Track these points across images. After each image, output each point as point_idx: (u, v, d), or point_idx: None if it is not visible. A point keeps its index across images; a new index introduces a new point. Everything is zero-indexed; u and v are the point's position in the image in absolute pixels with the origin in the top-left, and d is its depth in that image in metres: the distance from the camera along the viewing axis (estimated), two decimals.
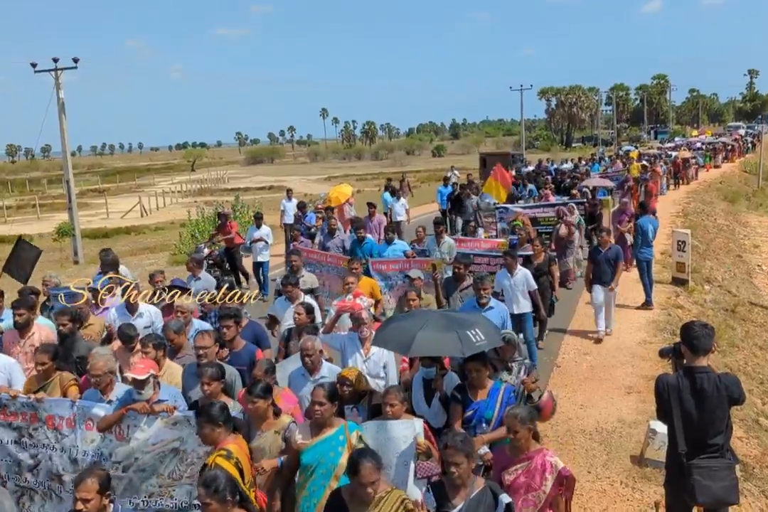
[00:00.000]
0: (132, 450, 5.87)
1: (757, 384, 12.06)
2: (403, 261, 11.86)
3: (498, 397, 6.00)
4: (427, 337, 5.78)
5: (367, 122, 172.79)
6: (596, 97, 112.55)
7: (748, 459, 8.43)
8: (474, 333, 5.76)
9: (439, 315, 6.32)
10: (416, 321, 6.08)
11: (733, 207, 33.91)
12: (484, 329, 5.97)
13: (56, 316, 7.70)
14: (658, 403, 5.40)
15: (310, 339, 6.61)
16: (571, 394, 9.68)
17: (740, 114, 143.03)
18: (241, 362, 6.92)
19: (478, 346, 5.75)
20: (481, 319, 6.45)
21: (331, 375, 6.43)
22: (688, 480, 5.03)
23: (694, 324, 5.27)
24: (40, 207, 51.68)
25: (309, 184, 65.31)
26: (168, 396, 6.09)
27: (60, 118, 24.61)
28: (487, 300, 8.34)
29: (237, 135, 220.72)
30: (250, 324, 7.90)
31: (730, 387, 5.16)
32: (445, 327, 5.87)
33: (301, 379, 6.60)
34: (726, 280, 18.58)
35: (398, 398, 5.55)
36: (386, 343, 6.30)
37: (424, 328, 5.85)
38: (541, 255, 11.52)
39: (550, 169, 34.27)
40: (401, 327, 6.10)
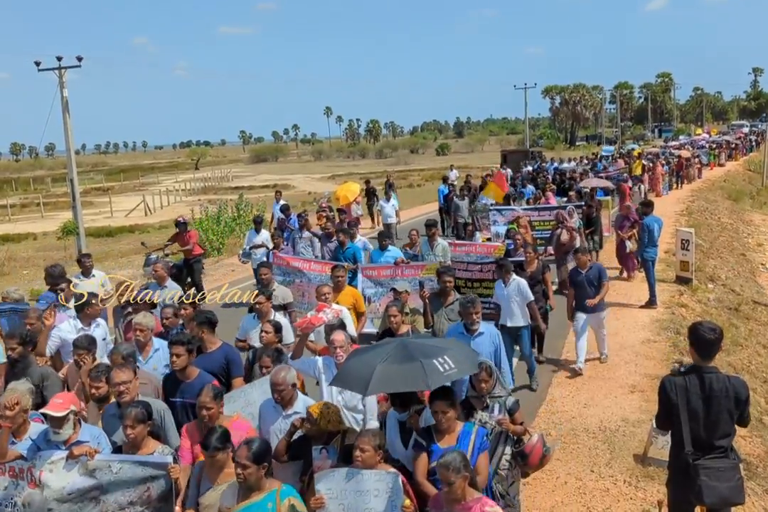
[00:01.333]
0: (45, 500, 5.08)
1: (760, 382, 12.05)
2: (395, 268, 11.37)
3: (469, 443, 5.19)
4: (387, 371, 5.06)
5: (371, 120, 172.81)
6: (600, 96, 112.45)
7: (752, 458, 8.44)
8: (442, 362, 5.07)
9: (404, 343, 5.45)
10: (377, 353, 5.34)
11: (737, 205, 33.86)
12: (455, 355, 5.24)
13: (5, 340, 7.10)
14: (662, 405, 5.28)
15: (283, 370, 5.78)
16: (575, 393, 9.69)
17: (744, 112, 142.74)
18: (193, 394, 6.02)
19: (447, 376, 5.06)
20: (452, 344, 5.75)
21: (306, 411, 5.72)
22: (695, 481, 5.01)
23: (703, 328, 5.17)
24: (44, 205, 51.81)
25: (313, 182, 65.41)
26: (90, 437, 5.41)
27: (64, 117, 24.62)
28: (477, 325, 7.35)
29: (241, 133, 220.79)
30: (223, 347, 7.07)
31: (738, 388, 5.14)
32: (408, 357, 5.14)
33: (273, 413, 5.85)
34: (730, 279, 18.55)
35: (372, 443, 4.84)
36: (344, 383, 5.49)
37: (384, 361, 5.14)
38: (534, 262, 10.86)
39: (549, 168, 34.13)
40: (361, 362, 5.35)
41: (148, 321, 7.38)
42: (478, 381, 5.72)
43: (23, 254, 28.79)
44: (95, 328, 7.99)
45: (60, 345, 7.79)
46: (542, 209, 18.06)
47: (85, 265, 11.50)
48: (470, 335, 7.30)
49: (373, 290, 11.34)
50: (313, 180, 68.69)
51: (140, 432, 5.18)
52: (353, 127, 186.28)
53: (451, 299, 8.72)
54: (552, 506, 6.87)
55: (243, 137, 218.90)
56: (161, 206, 50.44)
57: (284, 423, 5.67)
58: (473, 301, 7.36)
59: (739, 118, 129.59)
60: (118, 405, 5.74)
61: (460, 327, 7.50)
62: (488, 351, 7.12)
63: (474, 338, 7.27)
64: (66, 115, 24.58)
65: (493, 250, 12.99)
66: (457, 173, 32.52)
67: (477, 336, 7.31)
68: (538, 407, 9.25)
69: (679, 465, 5.17)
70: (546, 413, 9.08)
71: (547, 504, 6.90)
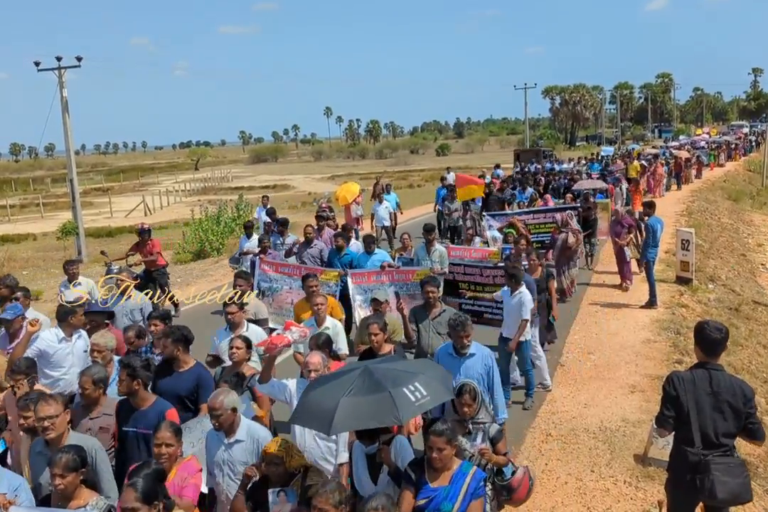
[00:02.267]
0: None
1: (761, 383, 12.02)
2: (385, 272, 10.92)
3: (463, 486, 4.67)
4: (353, 405, 4.49)
5: (372, 121, 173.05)
6: (600, 96, 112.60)
7: (753, 459, 8.41)
8: (413, 389, 4.54)
9: (369, 370, 4.81)
10: (340, 383, 4.75)
11: (737, 205, 33.84)
12: (427, 381, 4.72)
13: None
14: (668, 401, 5.20)
15: (222, 393, 5.31)
16: (575, 393, 9.67)
17: (744, 112, 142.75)
18: (147, 424, 5.47)
19: (420, 405, 4.55)
20: (423, 366, 5.22)
21: (250, 439, 5.31)
22: (706, 477, 4.97)
23: (710, 328, 5.17)
24: (44, 206, 51.77)
25: (313, 182, 65.40)
26: (7, 487, 4.77)
27: (63, 117, 24.62)
28: (468, 349, 6.70)
29: (241, 134, 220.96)
30: (196, 367, 6.47)
31: (744, 386, 5.17)
32: (375, 387, 4.60)
33: (216, 442, 5.35)
34: (730, 279, 18.52)
35: (331, 501, 4.22)
36: (304, 420, 4.86)
37: (349, 393, 4.57)
38: (537, 269, 10.41)
39: (548, 169, 34.01)
40: (322, 395, 4.70)
41: (107, 341, 6.80)
42: (460, 405, 5.30)
43: (23, 254, 28.75)
44: (77, 339, 7.62)
45: (38, 355, 7.25)
46: (537, 212, 17.54)
47: (69, 272, 10.97)
48: (460, 357, 6.69)
49: (363, 297, 10.84)
50: (313, 180, 68.67)
51: (71, 482, 4.50)
52: (353, 128, 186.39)
53: (437, 311, 7.96)
54: (552, 506, 6.86)
55: (243, 137, 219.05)
56: (161, 206, 50.39)
57: (227, 454, 5.28)
58: (463, 324, 6.62)
59: (739, 119, 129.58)
60: (46, 443, 5.15)
61: (450, 347, 6.82)
62: (479, 374, 6.57)
63: (464, 360, 6.67)
64: (65, 116, 24.60)
65: (488, 254, 12.72)
66: (454, 176, 32.01)
67: (467, 358, 6.68)
68: (538, 407, 9.24)
69: (685, 462, 5.13)
70: (546, 413, 9.06)
71: (548, 505, 6.88)
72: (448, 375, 5.34)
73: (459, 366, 6.58)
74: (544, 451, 8.02)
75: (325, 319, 7.91)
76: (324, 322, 7.85)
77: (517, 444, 8.21)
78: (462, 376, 6.31)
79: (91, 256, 25.03)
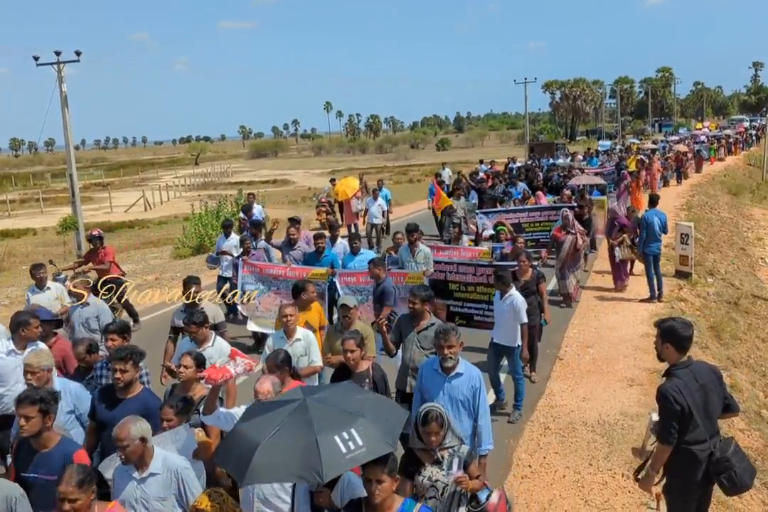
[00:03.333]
0: None
1: (759, 376, 12.06)
2: None
3: None
4: (272, 452, 3.84)
5: (372, 115, 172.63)
6: (600, 90, 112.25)
7: (750, 452, 8.43)
8: (346, 438, 3.86)
9: (305, 406, 4.09)
10: (269, 419, 4.06)
11: (737, 200, 33.82)
12: (368, 426, 3.99)
13: None
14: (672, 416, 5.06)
15: (130, 421, 4.68)
16: (574, 387, 9.69)
17: (745, 107, 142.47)
18: (52, 468, 4.79)
19: (351, 460, 3.86)
20: (372, 404, 4.34)
21: (167, 471, 4.74)
22: (731, 473, 4.99)
23: (678, 325, 5.25)
24: (44, 201, 51.77)
25: (313, 177, 65.35)
26: None
27: (63, 112, 24.59)
28: (453, 362, 5.88)
29: (241, 128, 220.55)
30: (142, 394, 5.81)
31: (715, 369, 5.38)
32: (303, 430, 3.90)
33: (125, 477, 4.78)
34: (729, 273, 18.54)
35: None
36: (225, 462, 4.26)
37: (272, 435, 3.90)
38: (528, 271, 9.97)
39: (545, 164, 33.56)
40: (246, 433, 4.06)
41: (41, 361, 5.99)
42: (426, 434, 4.67)
43: (23, 249, 28.79)
44: None
45: None
46: (532, 210, 16.94)
47: (36, 277, 10.28)
48: (446, 375, 5.92)
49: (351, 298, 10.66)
50: (312, 175, 68.63)
51: None
52: (353, 122, 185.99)
53: (425, 323, 7.20)
54: (550, 499, 6.88)
55: (243, 132, 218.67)
56: (161, 201, 50.41)
57: (140, 490, 4.68)
58: (446, 332, 5.84)
59: (740, 113, 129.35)
60: None
61: (436, 363, 6.01)
62: (465, 396, 5.87)
63: (450, 379, 5.90)
64: (65, 111, 24.56)
65: (479, 254, 12.19)
66: (450, 172, 30.13)
67: (454, 377, 5.90)
68: (536, 400, 9.26)
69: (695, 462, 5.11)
70: (545, 407, 9.09)
71: (545, 498, 6.91)
72: (399, 417, 4.44)
73: (443, 385, 5.91)
74: (542, 445, 8.04)
75: (295, 331, 7.40)
76: (294, 334, 7.35)
77: (516, 437, 8.25)
78: (446, 396, 5.83)
79: None
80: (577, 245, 13.71)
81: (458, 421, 5.68)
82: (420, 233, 11.48)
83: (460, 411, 5.83)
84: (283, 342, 7.19)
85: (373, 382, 6.28)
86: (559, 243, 13.77)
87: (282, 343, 7.14)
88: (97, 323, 8.70)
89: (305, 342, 7.34)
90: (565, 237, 13.71)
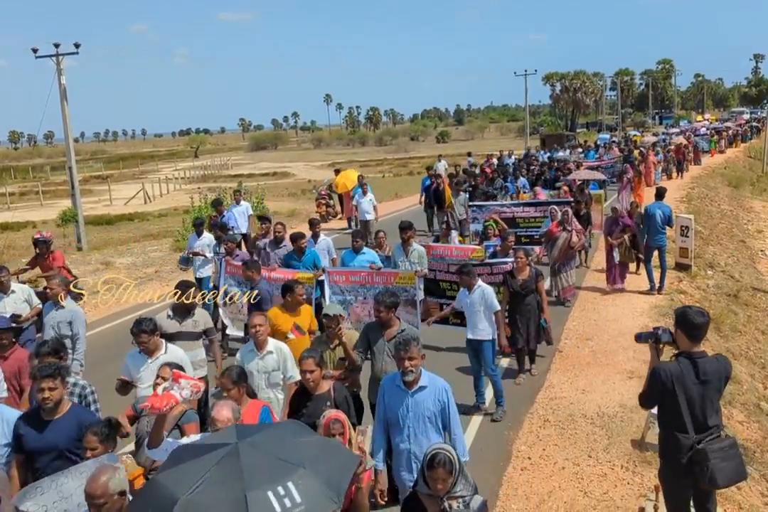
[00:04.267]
0: None
1: (759, 368, 12.09)
2: (366, 273, 9.95)
3: None
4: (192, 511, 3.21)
5: (371, 108, 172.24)
6: (601, 83, 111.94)
7: (749, 444, 8.48)
8: (281, 494, 3.24)
9: (236, 452, 3.42)
10: (196, 468, 3.39)
11: (737, 192, 33.81)
12: (309, 480, 3.37)
13: None
14: (653, 390, 5.24)
15: (105, 472, 3.98)
16: (573, 379, 9.71)
17: (745, 99, 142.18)
18: None
19: None
20: (318, 452, 3.68)
21: None
22: (704, 466, 5.02)
23: (692, 313, 5.22)
24: (43, 194, 51.64)
25: (313, 170, 65.24)
26: None
27: (62, 104, 24.53)
28: (414, 376, 5.38)
29: (240, 121, 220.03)
30: (72, 410, 5.31)
31: (727, 367, 5.29)
32: (231, 484, 3.27)
33: None
34: (729, 265, 18.56)
35: None
36: None
37: (194, 489, 3.26)
38: (525, 269, 9.58)
39: (542, 156, 33.16)
40: (168, 482, 3.40)
41: None
42: (432, 480, 4.09)
43: (22, 242, 28.71)
44: None
45: None
46: (528, 205, 16.30)
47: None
48: (408, 389, 5.41)
49: (340, 298, 9.94)
50: (312, 168, 68.53)
51: None
52: (353, 115, 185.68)
53: (395, 330, 6.66)
54: (549, 491, 6.90)
55: (242, 125, 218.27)
56: (161, 194, 50.28)
57: None
58: (406, 343, 5.35)
59: (740, 105, 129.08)
60: None
61: (397, 378, 5.48)
62: (431, 412, 5.40)
63: (413, 394, 5.41)
64: (64, 103, 24.50)
65: (471, 252, 11.81)
66: (446, 165, 29.81)
67: (417, 391, 5.41)
68: (536, 393, 9.28)
69: (678, 447, 5.17)
70: (544, 399, 9.10)
71: (545, 490, 6.93)
72: (348, 466, 3.83)
73: (406, 401, 5.43)
74: (541, 437, 8.06)
75: (266, 343, 6.75)
76: (265, 347, 6.73)
77: (515, 429, 8.27)
78: (410, 413, 5.40)
79: (90, 244, 25.04)
80: (571, 243, 13.02)
81: (425, 438, 5.34)
82: (414, 231, 11.11)
83: (427, 428, 5.42)
84: (253, 356, 6.70)
85: (335, 405, 5.72)
86: (553, 239, 13.20)
87: (252, 357, 6.69)
88: (69, 328, 8.16)
89: (278, 355, 6.72)
90: (560, 233, 13.11)
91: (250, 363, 6.60)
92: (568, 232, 13.06)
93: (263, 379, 6.63)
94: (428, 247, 11.84)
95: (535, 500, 6.76)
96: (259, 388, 6.50)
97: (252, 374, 6.39)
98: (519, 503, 6.70)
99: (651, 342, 5.40)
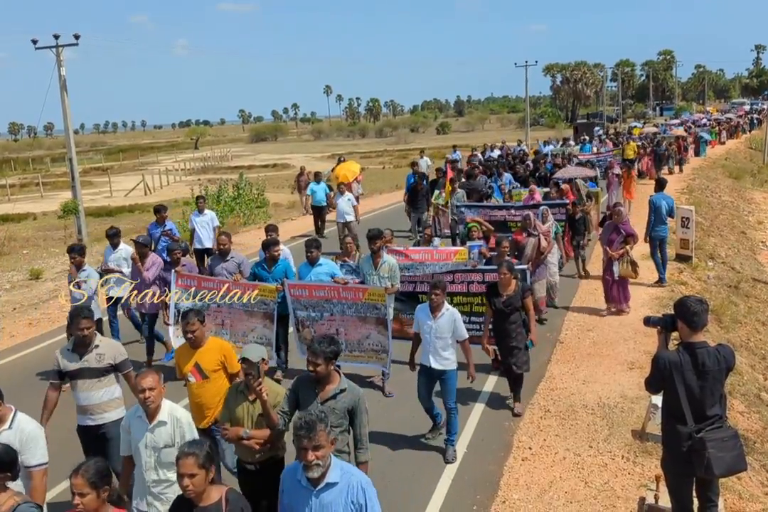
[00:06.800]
0: None
1: (759, 359, 12.11)
2: (331, 288, 8.92)
3: None
4: None
5: (372, 99, 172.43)
6: (601, 74, 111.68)
7: (750, 434, 8.50)
8: None
9: None
10: None
11: (738, 183, 33.76)
12: None
13: None
14: (655, 377, 5.34)
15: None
16: (574, 370, 9.72)
17: (747, 90, 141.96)
18: None
19: None
20: None
21: None
22: (701, 455, 5.05)
23: (690, 301, 5.27)
24: (44, 185, 51.62)
25: (313, 161, 65.11)
26: None
27: (62, 96, 24.49)
28: (319, 471, 4.03)
29: (240, 112, 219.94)
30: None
31: (728, 357, 5.28)
32: None
33: None
34: (729, 257, 18.56)
35: None
36: None
37: None
38: (511, 284, 8.31)
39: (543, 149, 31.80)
40: None
41: None
42: None
43: (23, 234, 28.79)
44: None
45: None
46: (520, 207, 14.75)
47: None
48: (312, 487, 4.10)
49: (305, 313, 9.11)
50: (312, 159, 68.41)
51: None
52: (353, 106, 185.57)
53: (332, 389, 5.17)
54: (550, 481, 6.92)
55: (242, 116, 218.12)
56: (161, 186, 50.28)
57: None
58: (310, 427, 3.97)
59: (742, 96, 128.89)
60: None
61: (299, 471, 4.16)
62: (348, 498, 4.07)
63: (318, 493, 4.09)
64: (64, 94, 24.46)
65: (453, 254, 10.91)
66: (429, 161, 27.23)
67: (323, 490, 4.09)
68: (537, 383, 9.29)
69: (677, 436, 5.21)
70: (545, 390, 9.12)
71: (545, 480, 6.95)
72: None
73: (309, 502, 4.12)
74: (542, 427, 8.08)
75: (159, 411, 5.15)
76: (157, 415, 5.14)
77: (516, 420, 8.29)
78: None
79: (91, 236, 25.04)
80: (540, 248, 11.62)
81: None
82: (385, 240, 9.69)
83: None
84: (141, 425, 5.14)
85: None
86: (520, 248, 11.58)
87: (140, 426, 5.14)
88: None
89: (173, 426, 5.13)
90: (527, 240, 11.62)
91: (136, 433, 5.14)
92: (535, 237, 11.65)
93: (152, 457, 5.08)
94: (406, 251, 11.09)
95: (536, 490, 6.78)
96: (147, 467, 5.07)
97: (138, 450, 5.07)
98: (520, 493, 6.73)
99: (659, 328, 5.44)
